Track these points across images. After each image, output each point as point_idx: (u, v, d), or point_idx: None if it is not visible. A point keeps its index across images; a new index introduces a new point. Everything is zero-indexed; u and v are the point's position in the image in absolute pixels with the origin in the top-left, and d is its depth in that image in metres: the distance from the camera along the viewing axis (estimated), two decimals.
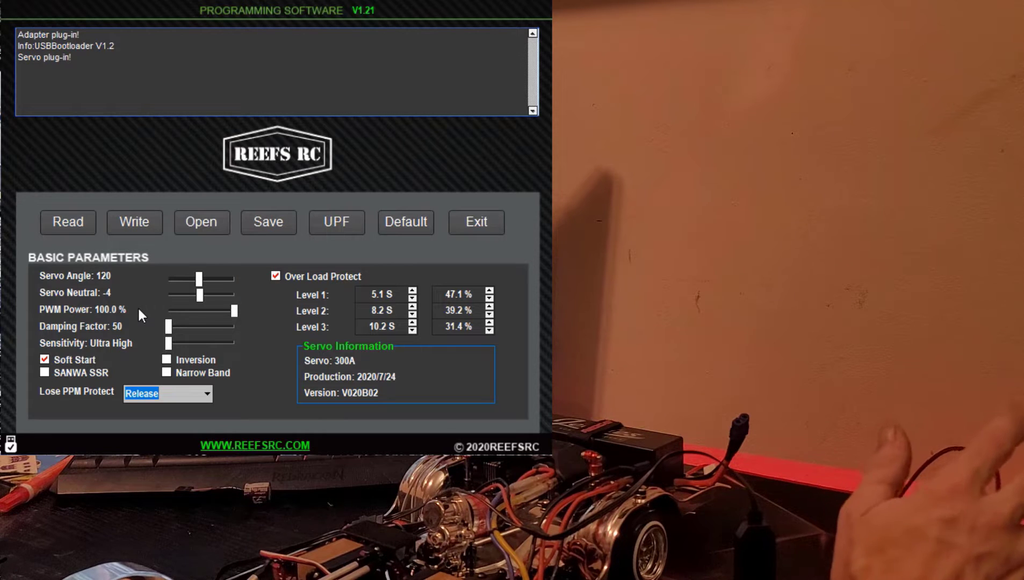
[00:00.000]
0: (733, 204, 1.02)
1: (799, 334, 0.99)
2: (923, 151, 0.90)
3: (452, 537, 0.64)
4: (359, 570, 0.62)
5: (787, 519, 0.76)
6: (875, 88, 0.92)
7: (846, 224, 0.95)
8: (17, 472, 0.96)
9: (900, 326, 0.93)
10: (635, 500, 0.67)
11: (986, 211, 0.88)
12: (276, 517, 0.86)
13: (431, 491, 0.76)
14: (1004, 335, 0.88)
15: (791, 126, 0.97)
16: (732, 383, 1.04)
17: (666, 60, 1.05)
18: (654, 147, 1.07)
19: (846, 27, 0.93)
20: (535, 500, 0.71)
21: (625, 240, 1.11)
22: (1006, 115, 0.86)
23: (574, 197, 1.14)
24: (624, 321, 1.13)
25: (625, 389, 1.14)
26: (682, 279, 1.07)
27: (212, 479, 0.90)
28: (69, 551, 0.79)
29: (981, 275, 0.88)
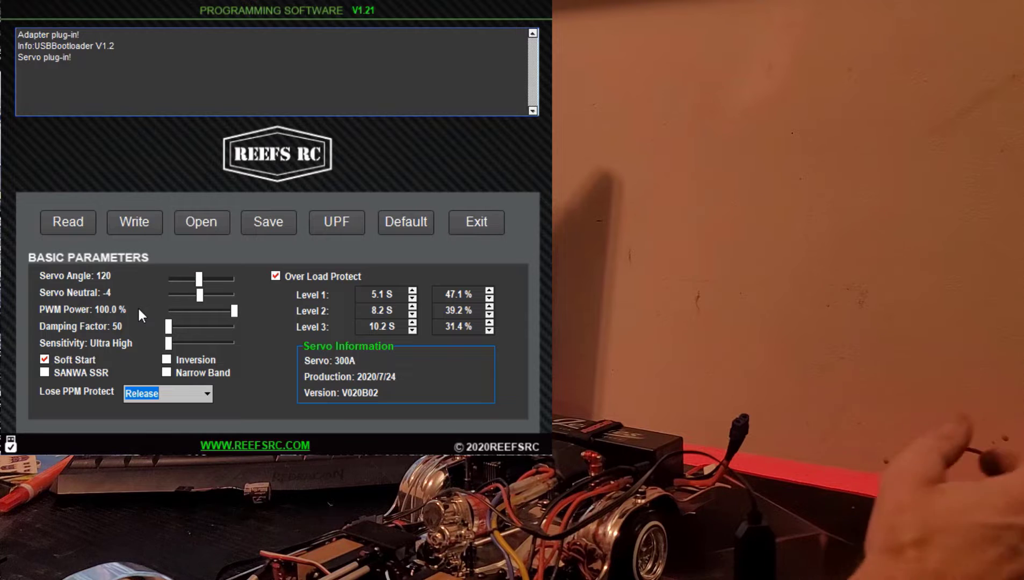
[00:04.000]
0: (733, 204, 1.02)
1: (799, 334, 0.99)
2: (923, 151, 0.90)
3: (452, 537, 0.64)
4: (359, 570, 0.62)
5: (787, 519, 0.76)
6: (875, 88, 0.92)
7: (846, 224, 0.95)
8: (17, 472, 0.96)
9: (900, 326, 0.93)
10: (635, 500, 0.67)
11: (986, 211, 0.88)
12: (276, 517, 0.86)
13: (431, 491, 0.76)
14: (1004, 335, 0.88)
15: (791, 126, 0.97)
16: (732, 383, 1.04)
17: (666, 60, 1.05)
18: (654, 147, 1.07)
19: (846, 27, 0.93)
20: (535, 500, 0.71)
21: (625, 240, 1.11)
22: (1006, 115, 0.86)
23: (574, 197, 1.14)
24: (624, 321, 1.13)
25: (625, 389, 1.14)
26: (682, 279, 1.07)
27: (212, 479, 0.90)
28: (69, 551, 0.79)
29: (981, 275, 0.88)
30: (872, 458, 0.94)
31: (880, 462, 0.94)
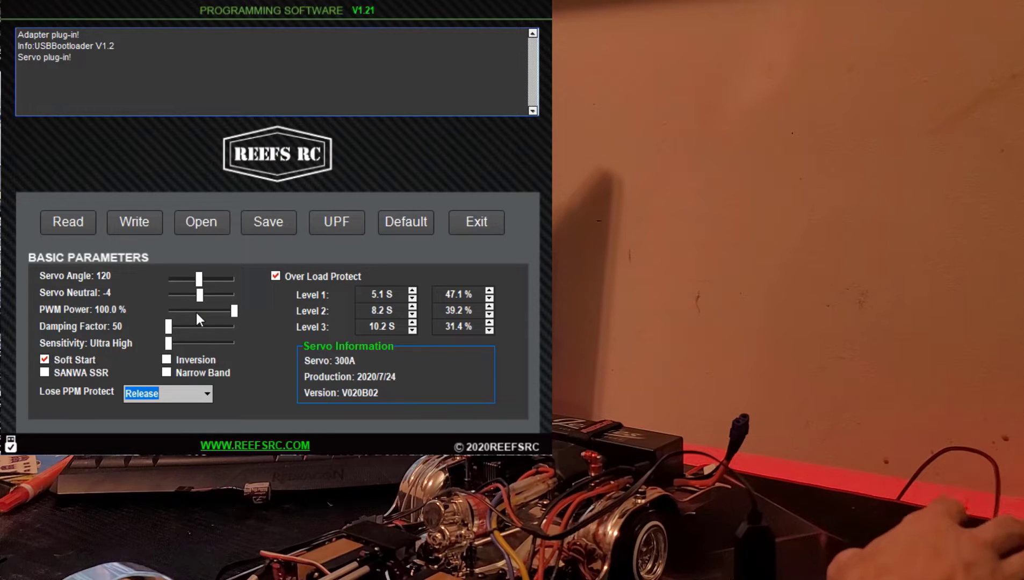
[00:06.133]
0: (733, 204, 1.02)
1: (799, 334, 0.99)
2: (923, 151, 0.90)
3: (452, 537, 0.64)
4: (359, 570, 0.62)
5: (787, 519, 0.76)
6: (875, 88, 0.92)
7: (846, 224, 0.95)
8: (17, 472, 0.96)
9: (900, 326, 0.93)
10: (635, 500, 0.67)
11: (986, 211, 0.88)
12: (276, 517, 0.86)
13: (431, 491, 0.76)
14: (1004, 335, 0.88)
15: (791, 126, 0.97)
16: (732, 383, 1.04)
17: (666, 60, 1.05)
18: (654, 147, 1.07)
19: (846, 27, 0.93)
20: (535, 500, 0.71)
21: (625, 240, 1.11)
22: (1006, 115, 0.86)
23: (574, 197, 1.14)
24: (624, 321, 1.13)
25: (625, 389, 1.14)
26: (682, 279, 1.07)
27: (212, 479, 0.90)
28: (69, 551, 0.79)
29: (981, 275, 0.88)
30: (872, 458, 0.94)
31: (880, 462, 0.94)
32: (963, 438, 0.76)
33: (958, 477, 0.76)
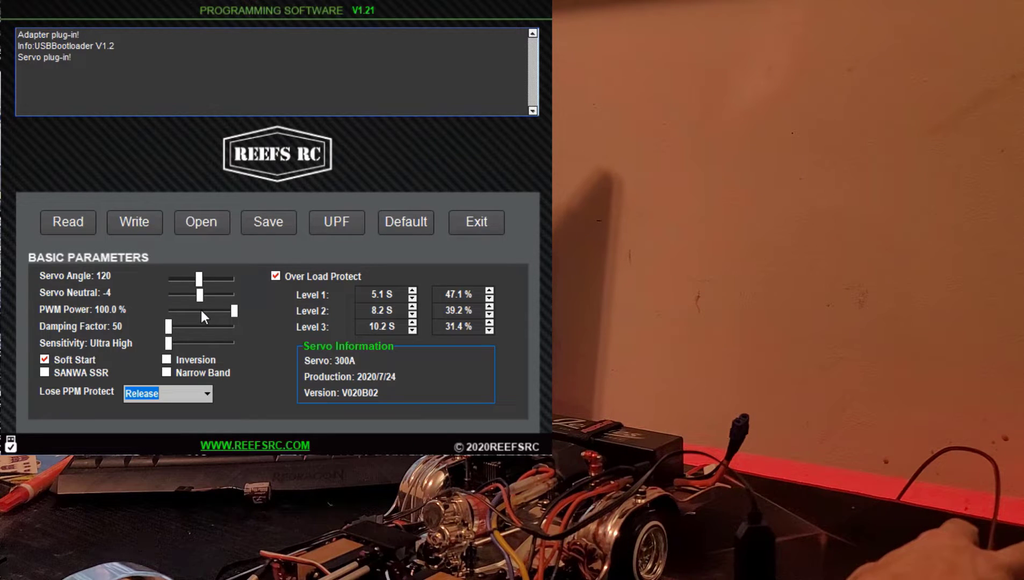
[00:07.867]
0: (733, 204, 1.02)
1: (799, 334, 0.99)
2: (923, 151, 0.90)
3: (452, 537, 0.64)
4: (359, 570, 0.62)
5: (787, 519, 0.76)
6: (875, 88, 0.92)
7: (846, 224, 0.95)
8: (17, 472, 0.96)
9: (900, 326, 0.93)
10: (635, 500, 0.67)
11: (986, 211, 0.88)
12: (276, 517, 0.86)
13: (431, 491, 0.76)
14: (1004, 335, 0.88)
15: (791, 126, 0.97)
16: (732, 383, 1.04)
17: (666, 60, 1.05)
18: (654, 147, 1.07)
19: (846, 27, 0.93)
20: (535, 500, 0.71)
21: (625, 240, 1.11)
22: (1006, 115, 0.86)
23: (574, 197, 1.14)
24: (624, 321, 1.13)
25: (625, 389, 1.14)
26: (682, 279, 1.07)
27: (212, 479, 0.90)
28: (69, 551, 0.79)
29: (981, 275, 0.88)
30: (872, 458, 0.95)
31: (880, 462, 0.94)
32: (963, 438, 0.76)
33: (958, 477, 0.76)
